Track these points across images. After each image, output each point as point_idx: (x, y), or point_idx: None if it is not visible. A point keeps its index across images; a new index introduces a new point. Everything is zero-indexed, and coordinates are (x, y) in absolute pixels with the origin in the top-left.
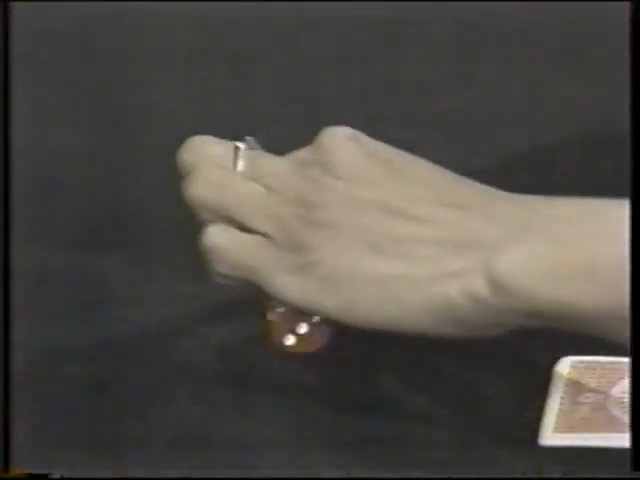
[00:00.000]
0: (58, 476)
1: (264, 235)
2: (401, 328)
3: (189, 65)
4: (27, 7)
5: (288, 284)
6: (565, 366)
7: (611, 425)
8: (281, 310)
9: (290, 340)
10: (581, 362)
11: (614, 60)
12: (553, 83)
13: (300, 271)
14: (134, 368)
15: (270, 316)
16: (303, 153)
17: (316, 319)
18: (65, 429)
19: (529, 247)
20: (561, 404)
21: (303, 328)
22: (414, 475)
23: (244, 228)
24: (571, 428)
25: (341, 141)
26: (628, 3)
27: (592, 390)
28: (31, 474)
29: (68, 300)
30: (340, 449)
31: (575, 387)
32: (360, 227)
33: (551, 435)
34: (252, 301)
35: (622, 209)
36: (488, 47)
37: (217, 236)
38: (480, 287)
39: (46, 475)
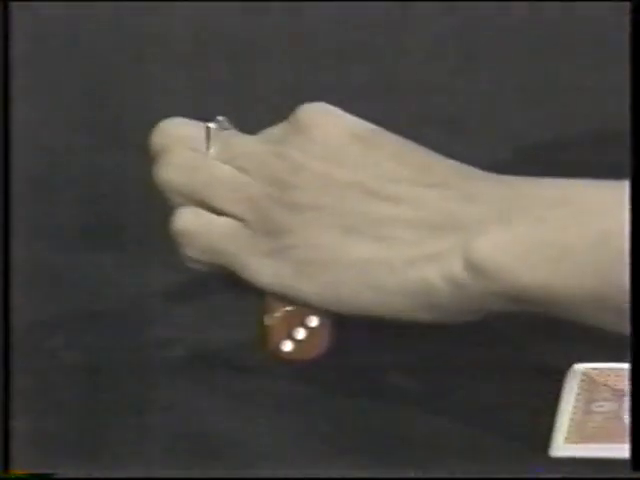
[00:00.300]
0: (58, 476)
1: (237, 218)
2: (379, 313)
3: (189, 65)
4: (27, 7)
5: (263, 268)
6: (577, 373)
7: (626, 435)
8: (278, 315)
9: (287, 346)
10: (594, 369)
11: (614, 60)
12: (552, 83)
13: (275, 255)
14: (133, 369)
15: (267, 321)
16: (278, 131)
17: (314, 324)
18: (65, 429)
19: (508, 229)
20: (573, 413)
21: (301, 334)
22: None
23: (217, 211)
24: (584, 438)
25: (318, 118)
26: (628, 3)
27: (606, 398)
28: (31, 474)
29: (67, 300)
30: (340, 455)
31: (588, 395)
32: (337, 209)
33: (563, 446)
34: (250, 304)
35: (605, 191)
36: (488, 46)
37: (187, 219)
38: (458, 270)
39: (47, 475)
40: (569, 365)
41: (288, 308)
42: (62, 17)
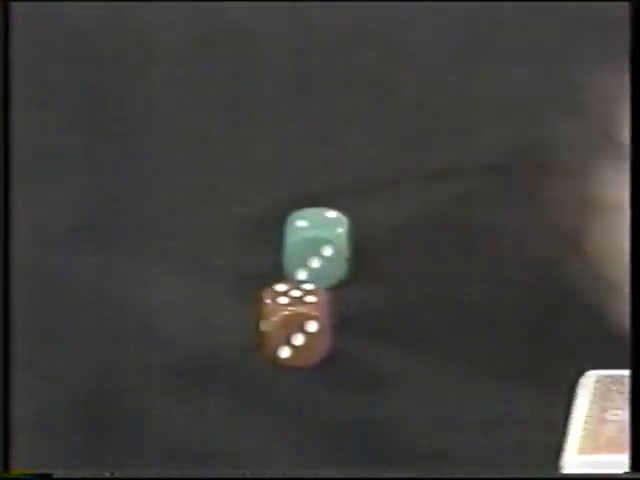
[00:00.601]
0: (59, 476)
1: None
2: None
3: (189, 64)
4: (27, 7)
5: None
6: (590, 381)
7: None
8: (276, 319)
9: (285, 352)
10: (608, 376)
11: (614, 59)
12: (552, 82)
13: None
14: (133, 371)
15: (263, 326)
16: None
17: (314, 329)
18: (65, 429)
19: None
20: (586, 423)
21: (299, 339)
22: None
23: None
24: (598, 449)
25: None
26: (628, 3)
27: (620, 407)
28: (32, 474)
29: (67, 302)
30: (339, 468)
31: (602, 404)
32: None
33: (576, 457)
34: (248, 310)
35: None
36: (487, 43)
37: None
38: None
39: (47, 475)
40: (582, 371)
41: (286, 312)
42: (62, 17)
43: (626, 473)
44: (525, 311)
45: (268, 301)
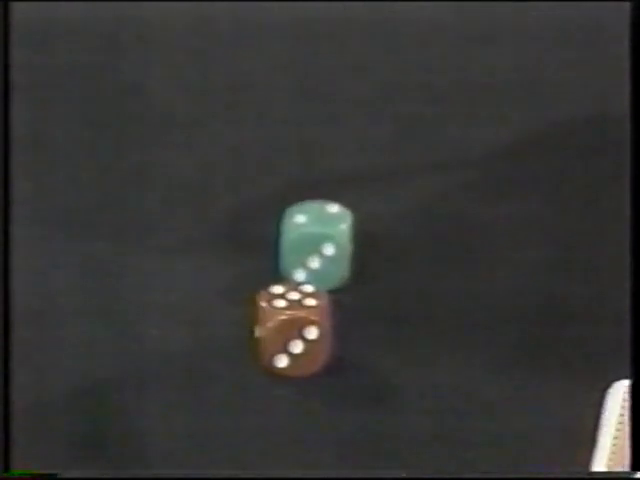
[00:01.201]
0: (60, 476)
1: None
2: None
3: (189, 64)
4: (27, 7)
5: None
6: (619, 391)
7: None
8: (272, 325)
9: (282, 361)
10: None
11: (614, 59)
12: (553, 81)
13: None
14: (132, 372)
15: (258, 331)
16: None
17: (313, 336)
18: (65, 429)
19: None
20: (615, 437)
21: (298, 347)
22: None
23: None
24: (627, 465)
25: None
26: (628, 3)
27: None
28: (33, 474)
29: (66, 301)
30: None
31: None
32: None
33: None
34: (243, 313)
35: None
36: (490, 40)
37: None
38: None
39: (48, 475)
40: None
41: (283, 317)
42: (62, 17)
43: (626, 473)
44: (527, 312)
45: (264, 304)
